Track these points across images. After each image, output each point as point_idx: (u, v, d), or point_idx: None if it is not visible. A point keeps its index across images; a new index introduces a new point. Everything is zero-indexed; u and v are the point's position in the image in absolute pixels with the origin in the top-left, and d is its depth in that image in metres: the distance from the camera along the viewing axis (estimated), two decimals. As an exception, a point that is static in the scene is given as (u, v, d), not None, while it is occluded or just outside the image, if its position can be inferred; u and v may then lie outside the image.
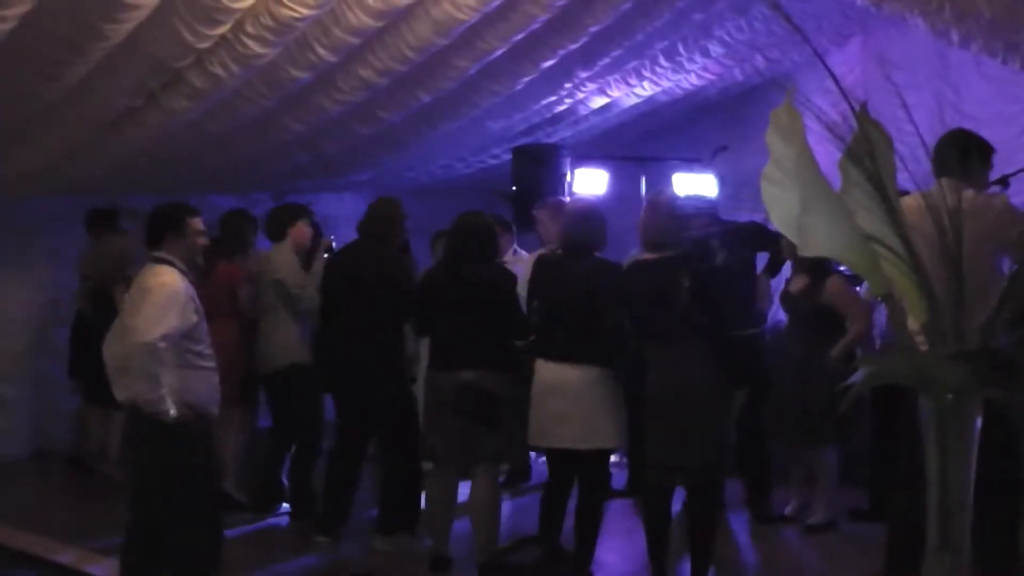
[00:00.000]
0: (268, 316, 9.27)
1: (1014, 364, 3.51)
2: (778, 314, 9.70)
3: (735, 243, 8.75)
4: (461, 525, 8.22)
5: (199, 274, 9.62)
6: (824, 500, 8.89)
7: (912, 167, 3.96)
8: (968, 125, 8.53)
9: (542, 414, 7.68)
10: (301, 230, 9.45)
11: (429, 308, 8.14)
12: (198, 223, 6.93)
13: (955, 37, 8.03)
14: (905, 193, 4.27)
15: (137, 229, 10.41)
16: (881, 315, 8.68)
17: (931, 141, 6.49)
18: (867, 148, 3.45)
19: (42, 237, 11.74)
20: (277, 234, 9.43)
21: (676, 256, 7.25)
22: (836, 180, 3.54)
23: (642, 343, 7.50)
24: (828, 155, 3.55)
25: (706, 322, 7.17)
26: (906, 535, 5.92)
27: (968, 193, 5.21)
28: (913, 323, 3.66)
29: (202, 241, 6.99)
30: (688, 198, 8.67)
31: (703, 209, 8.63)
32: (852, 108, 3.50)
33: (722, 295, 7.50)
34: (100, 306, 9.91)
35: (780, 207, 3.49)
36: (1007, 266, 5.78)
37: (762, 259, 9.39)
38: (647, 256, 7.44)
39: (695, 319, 7.13)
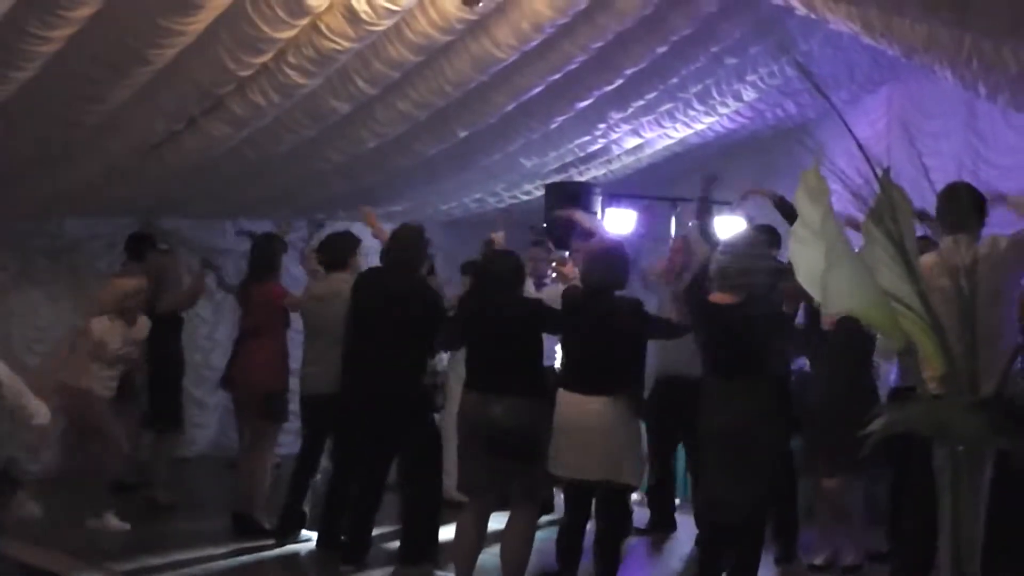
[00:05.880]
0: (321, 340, 9.28)
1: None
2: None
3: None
4: (483, 556, 8.13)
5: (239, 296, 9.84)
6: (855, 538, 8.86)
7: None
8: (995, 174, 8.66)
9: (562, 443, 7.74)
10: (359, 260, 9.48)
11: (464, 333, 8.21)
12: None
13: (982, 90, 8.12)
14: (925, 239, 4.39)
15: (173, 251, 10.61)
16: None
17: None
18: (889, 210, 3.58)
19: (79, 258, 11.81)
20: (339, 262, 9.48)
21: (749, 301, 7.33)
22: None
23: (709, 379, 7.55)
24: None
25: (773, 361, 7.32)
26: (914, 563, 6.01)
27: (981, 248, 5.36)
28: (928, 374, 3.77)
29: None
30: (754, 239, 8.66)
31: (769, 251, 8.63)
32: (875, 172, 3.64)
33: (783, 337, 7.58)
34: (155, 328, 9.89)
35: (806, 264, 3.63)
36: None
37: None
38: (721, 299, 7.47)
39: (766, 363, 7.26)
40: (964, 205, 6.30)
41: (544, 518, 9.81)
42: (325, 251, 9.46)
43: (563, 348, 8.07)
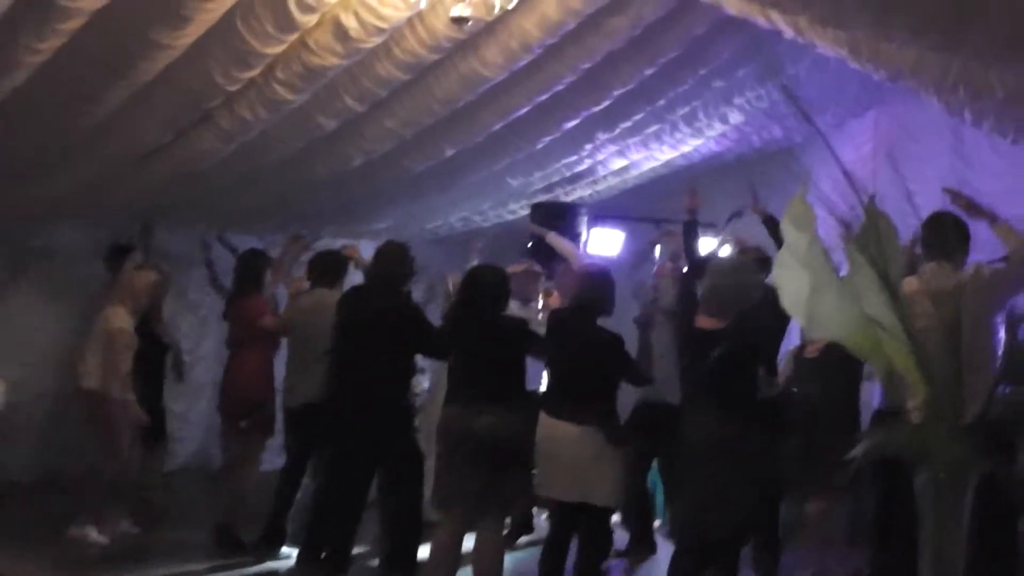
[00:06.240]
0: (305, 354, 9.31)
1: (1008, 438, 3.64)
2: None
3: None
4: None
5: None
6: (839, 560, 8.86)
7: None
8: (980, 199, 8.64)
9: (544, 464, 7.77)
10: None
11: (450, 343, 8.25)
12: None
13: (968, 115, 8.15)
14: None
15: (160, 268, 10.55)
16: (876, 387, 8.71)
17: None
18: (874, 237, 3.60)
19: (69, 264, 11.76)
20: (330, 278, 9.52)
21: (735, 327, 7.35)
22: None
23: (691, 400, 7.56)
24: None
25: (760, 385, 7.42)
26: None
27: (964, 275, 5.40)
28: (912, 398, 3.79)
29: None
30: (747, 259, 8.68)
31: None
32: (860, 199, 3.66)
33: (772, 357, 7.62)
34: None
35: (791, 290, 3.65)
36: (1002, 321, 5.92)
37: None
38: (707, 324, 7.48)
39: (751, 380, 7.32)
40: (949, 234, 6.36)
41: (524, 539, 9.88)
42: (314, 267, 9.52)
43: (548, 371, 8.11)
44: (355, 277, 9.87)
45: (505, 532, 8.65)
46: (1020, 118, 7.88)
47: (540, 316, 9.79)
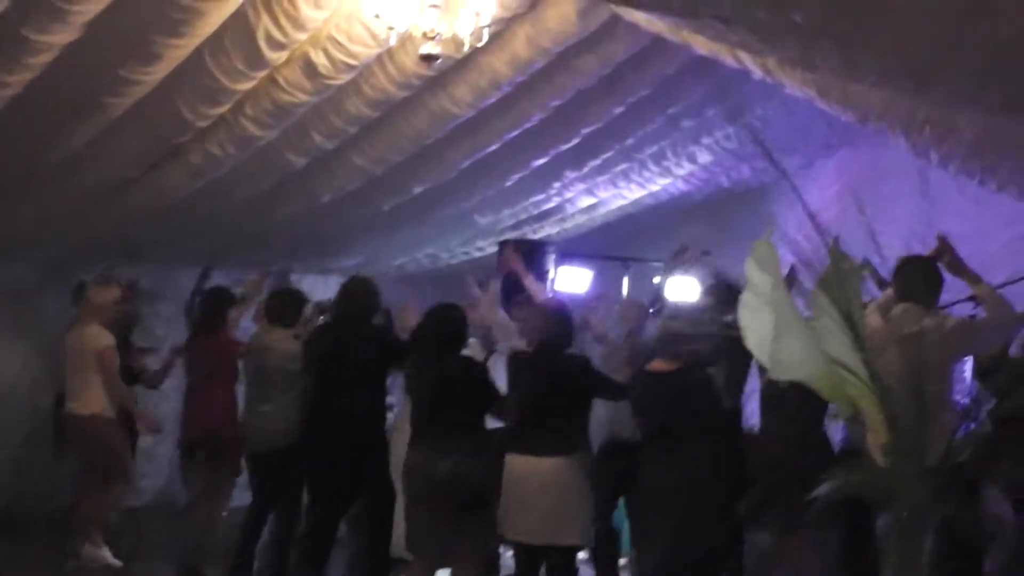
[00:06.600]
0: (265, 396, 9.21)
1: (970, 481, 3.67)
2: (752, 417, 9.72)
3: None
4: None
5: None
6: None
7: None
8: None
9: (511, 505, 7.74)
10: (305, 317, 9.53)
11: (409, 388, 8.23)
12: None
13: (935, 157, 8.19)
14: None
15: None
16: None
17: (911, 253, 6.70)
18: (837, 279, 3.63)
19: (35, 303, 11.71)
20: (288, 318, 9.44)
21: (689, 369, 7.35)
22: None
23: (649, 443, 7.55)
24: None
25: (721, 423, 7.32)
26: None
27: (928, 321, 5.43)
28: (875, 441, 3.81)
29: None
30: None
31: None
32: (825, 241, 3.69)
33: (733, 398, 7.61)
34: None
35: (755, 331, 3.67)
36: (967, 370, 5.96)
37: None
38: (660, 366, 7.49)
39: (707, 427, 7.23)
40: (919, 278, 6.41)
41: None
42: (273, 304, 9.44)
43: (512, 409, 8.05)
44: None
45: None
46: (988, 160, 7.93)
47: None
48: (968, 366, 6.87)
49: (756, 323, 3.67)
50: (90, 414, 9.44)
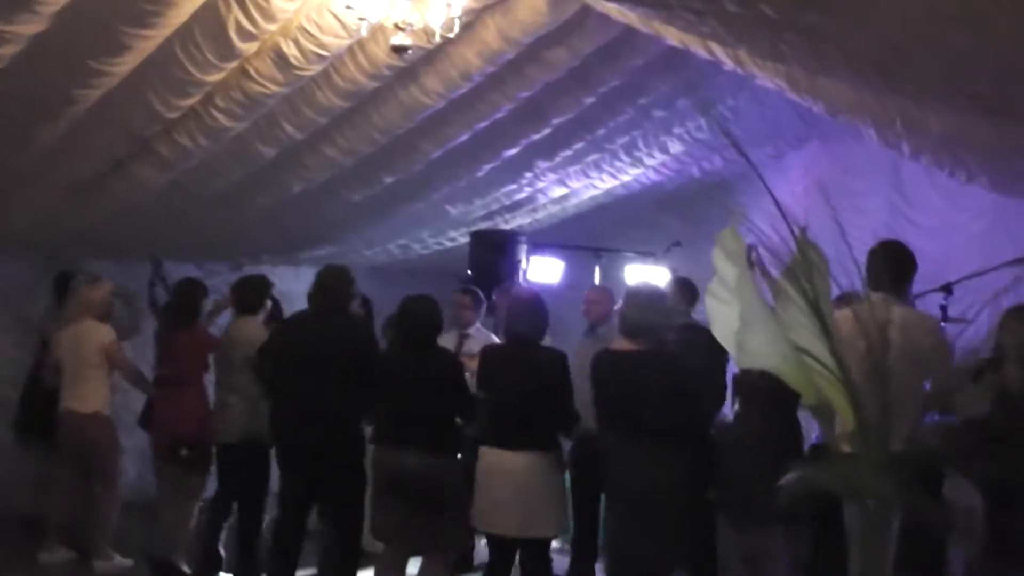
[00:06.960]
0: (231, 387, 9.14)
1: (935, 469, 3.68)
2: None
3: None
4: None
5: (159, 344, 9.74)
6: None
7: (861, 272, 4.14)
8: (917, 233, 8.72)
9: (484, 499, 7.74)
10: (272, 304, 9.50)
11: (381, 387, 8.16)
12: None
13: (906, 149, 8.21)
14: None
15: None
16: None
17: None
18: (805, 269, 3.63)
19: (6, 304, 11.65)
20: (253, 306, 9.36)
21: (652, 349, 7.34)
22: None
23: (609, 435, 7.54)
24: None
25: (682, 419, 7.22)
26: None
27: (898, 310, 5.42)
28: (842, 431, 3.82)
29: None
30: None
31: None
32: (792, 231, 3.69)
33: (698, 392, 7.56)
34: None
35: (722, 321, 3.68)
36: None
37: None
38: (622, 346, 7.49)
39: (670, 415, 7.17)
40: (889, 267, 6.41)
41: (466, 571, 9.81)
42: (237, 293, 9.38)
43: (486, 403, 8.02)
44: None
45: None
46: (957, 153, 7.95)
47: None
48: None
49: (722, 314, 3.67)
50: (92, 412, 9.42)
